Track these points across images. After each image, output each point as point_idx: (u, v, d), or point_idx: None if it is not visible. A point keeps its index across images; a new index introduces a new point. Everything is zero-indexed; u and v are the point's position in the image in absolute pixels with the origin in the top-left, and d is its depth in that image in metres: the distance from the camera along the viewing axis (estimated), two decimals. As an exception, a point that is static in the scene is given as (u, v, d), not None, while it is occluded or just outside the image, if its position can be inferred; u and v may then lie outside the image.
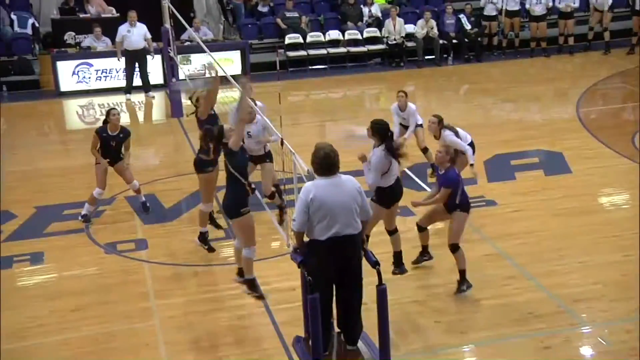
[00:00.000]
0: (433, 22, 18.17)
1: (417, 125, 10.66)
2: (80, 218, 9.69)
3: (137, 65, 15.97)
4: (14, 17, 17.35)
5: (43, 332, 7.33)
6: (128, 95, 16.14)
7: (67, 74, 16.48)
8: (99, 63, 16.63)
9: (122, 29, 15.72)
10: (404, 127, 10.72)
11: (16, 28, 17.29)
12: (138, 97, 16.21)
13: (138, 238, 9.36)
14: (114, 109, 9.80)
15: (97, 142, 9.50)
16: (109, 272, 8.58)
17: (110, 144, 9.58)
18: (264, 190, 9.44)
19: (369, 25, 18.57)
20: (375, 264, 6.08)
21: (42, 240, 9.30)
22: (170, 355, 6.98)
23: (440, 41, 18.19)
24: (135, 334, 7.27)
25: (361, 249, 6.19)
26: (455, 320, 7.33)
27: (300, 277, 6.43)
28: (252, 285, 7.34)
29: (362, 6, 18.83)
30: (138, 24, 15.68)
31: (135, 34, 15.65)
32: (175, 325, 7.43)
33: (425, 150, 10.71)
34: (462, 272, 7.72)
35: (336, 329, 6.39)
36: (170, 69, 14.84)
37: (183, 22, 14.07)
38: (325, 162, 6.05)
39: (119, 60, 15.84)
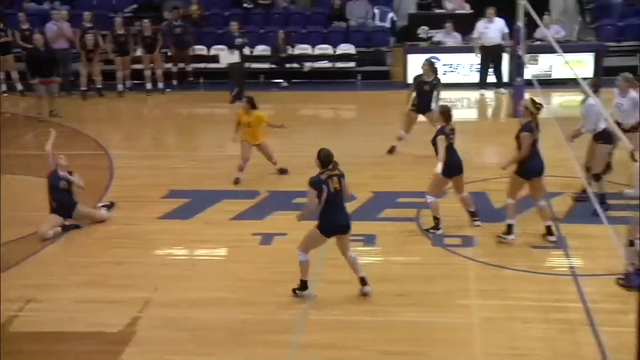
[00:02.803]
0: None
1: None
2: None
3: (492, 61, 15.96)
4: (376, 11, 18.46)
5: (369, 310, 7.69)
6: (483, 90, 16.20)
7: (416, 66, 17.05)
8: (446, 58, 16.97)
9: (480, 25, 15.86)
10: None
11: (377, 21, 18.41)
12: (486, 94, 16.25)
13: (465, 234, 9.37)
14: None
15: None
16: (434, 264, 8.73)
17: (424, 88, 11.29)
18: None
19: None
20: None
21: (375, 224, 9.74)
22: (486, 356, 6.89)
23: None
24: (453, 329, 7.31)
25: None
26: None
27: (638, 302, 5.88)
28: None
29: None
30: (496, 19, 15.66)
31: (493, 29, 15.66)
32: (494, 328, 7.32)
33: None
34: None
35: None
36: (516, 68, 14.58)
37: (537, 20, 13.70)
38: None
39: (476, 55, 15.95)
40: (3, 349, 7.11)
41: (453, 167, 9.18)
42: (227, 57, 16.10)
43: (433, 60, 12.87)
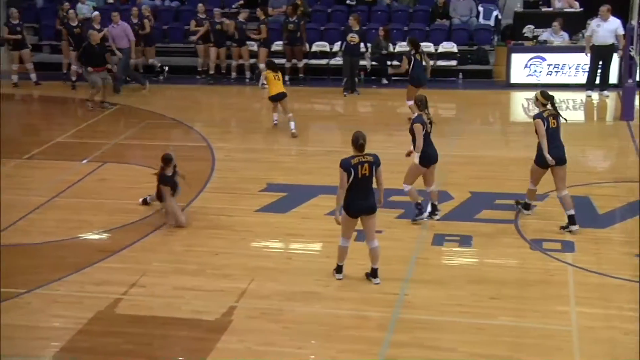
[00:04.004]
0: None
1: None
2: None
3: (601, 62, 15.41)
4: (480, 9, 18.15)
5: (460, 312, 7.61)
6: (589, 92, 15.64)
7: (520, 66, 16.69)
8: (552, 57, 16.50)
9: (593, 23, 15.29)
10: None
11: (481, 19, 18.09)
12: (593, 95, 15.70)
13: (566, 239, 9.11)
14: None
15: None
16: (531, 267, 8.53)
17: None
18: None
19: None
20: None
21: (472, 225, 9.62)
22: (583, 366, 6.70)
23: None
24: (549, 335, 7.13)
25: None
26: None
27: None
28: None
29: None
30: (611, 18, 15.01)
31: (605, 29, 15.03)
32: (593, 337, 7.09)
33: None
34: None
35: None
36: (628, 69, 14.01)
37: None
38: None
39: (586, 55, 15.42)
40: (107, 330, 7.49)
41: (429, 157, 9.33)
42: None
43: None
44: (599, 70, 15.51)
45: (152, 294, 8.15)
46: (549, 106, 9.07)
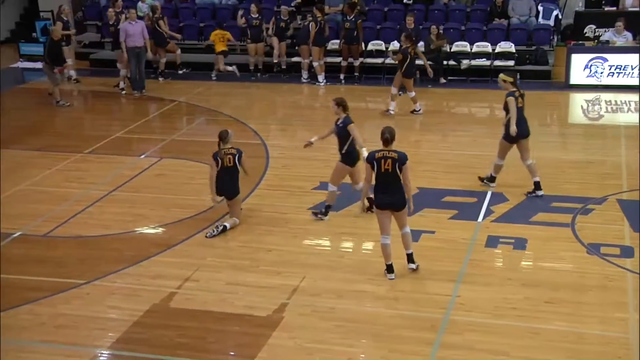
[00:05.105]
0: None
1: None
2: None
3: None
4: (540, 8, 17.84)
5: (514, 315, 7.51)
6: None
7: (580, 67, 16.36)
8: (614, 58, 16.13)
9: None
10: None
11: (540, 19, 17.78)
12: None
13: (625, 244, 8.91)
14: None
15: None
16: (588, 273, 8.36)
17: None
18: None
19: None
20: None
21: (527, 227, 9.47)
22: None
23: None
24: (607, 342, 6.98)
25: None
26: None
27: None
28: None
29: None
30: None
31: None
32: (654, 347, 6.92)
33: None
34: None
35: None
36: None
37: None
38: None
39: None
40: (162, 323, 7.62)
41: (355, 157, 9.69)
42: None
43: None
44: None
45: (206, 288, 8.26)
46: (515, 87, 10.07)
